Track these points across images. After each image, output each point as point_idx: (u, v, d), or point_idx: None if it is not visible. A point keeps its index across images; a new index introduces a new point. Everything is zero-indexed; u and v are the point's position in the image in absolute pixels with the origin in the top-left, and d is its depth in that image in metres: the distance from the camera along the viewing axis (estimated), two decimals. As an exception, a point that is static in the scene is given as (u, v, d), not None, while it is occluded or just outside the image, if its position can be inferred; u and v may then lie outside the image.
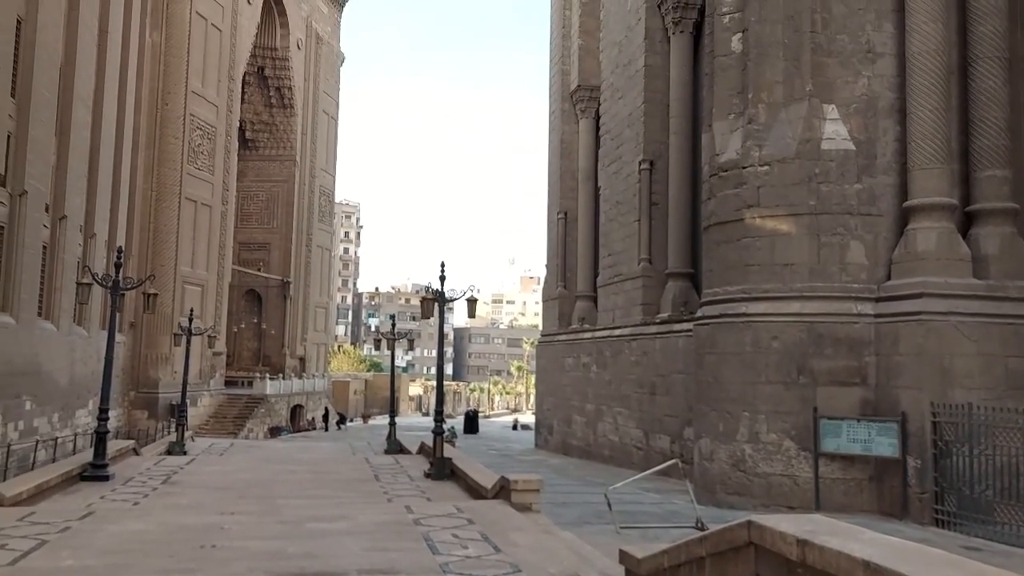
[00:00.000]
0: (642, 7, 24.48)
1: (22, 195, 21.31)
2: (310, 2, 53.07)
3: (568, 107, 32.55)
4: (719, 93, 16.72)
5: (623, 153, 25.49)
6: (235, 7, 41.82)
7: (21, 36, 21.30)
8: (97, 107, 27.07)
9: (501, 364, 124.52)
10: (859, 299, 14.38)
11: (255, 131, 51.70)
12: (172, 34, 36.87)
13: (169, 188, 36.58)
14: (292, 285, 51.56)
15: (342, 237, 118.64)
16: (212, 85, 39.63)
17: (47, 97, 22.73)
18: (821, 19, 14.97)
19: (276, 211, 51.86)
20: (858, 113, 14.76)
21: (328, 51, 56.14)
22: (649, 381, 21.69)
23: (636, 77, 24.76)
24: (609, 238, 26.23)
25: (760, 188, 15.14)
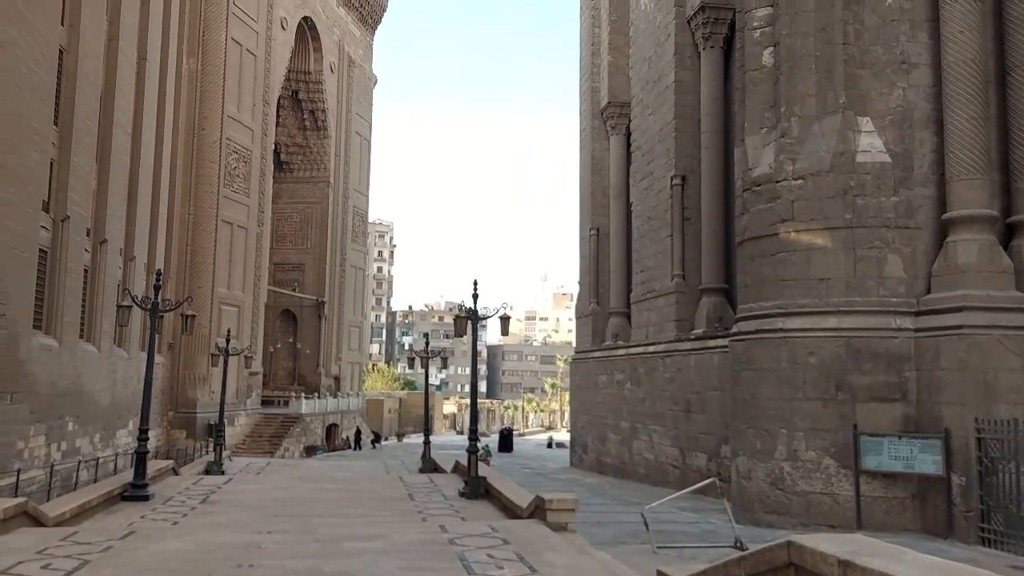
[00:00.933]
0: (671, 23, 24.47)
1: (64, 220, 21.80)
2: (342, 26, 53.84)
3: (598, 124, 32.59)
4: (751, 107, 16.63)
5: (654, 169, 25.42)
6: (269, 33, 42.56)
7: (63, 66, 21.86)
8: (136, 133, 27.66)
9: (535, 381, 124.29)
10: (898, 313, 14.13)
11: (290, 153, 52.44)
12: (208, 61, 37.60)
13: (206, 211, 37.19)
14: (326, 305, 52.02)
15: (375, 256, 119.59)
16: (247, 110, 40.30)
17: (88, 125, 23.28)
18: (854, 31, 14.84)
19: (310, 232, 52.45)
20: (893, 125, 14.57)
21: (360, 73, 56.86)
22: (684, 398, 21.49)
23: (666, 93, 24.73)
24: (642, 254, 26.12)
25: (795, 202, 14.98)
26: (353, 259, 56.01)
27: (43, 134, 20.51)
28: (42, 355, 20.52)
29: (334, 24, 52.48)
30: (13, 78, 18.64)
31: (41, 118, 20.26)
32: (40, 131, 20.20)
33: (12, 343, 18.83)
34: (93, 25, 23.35)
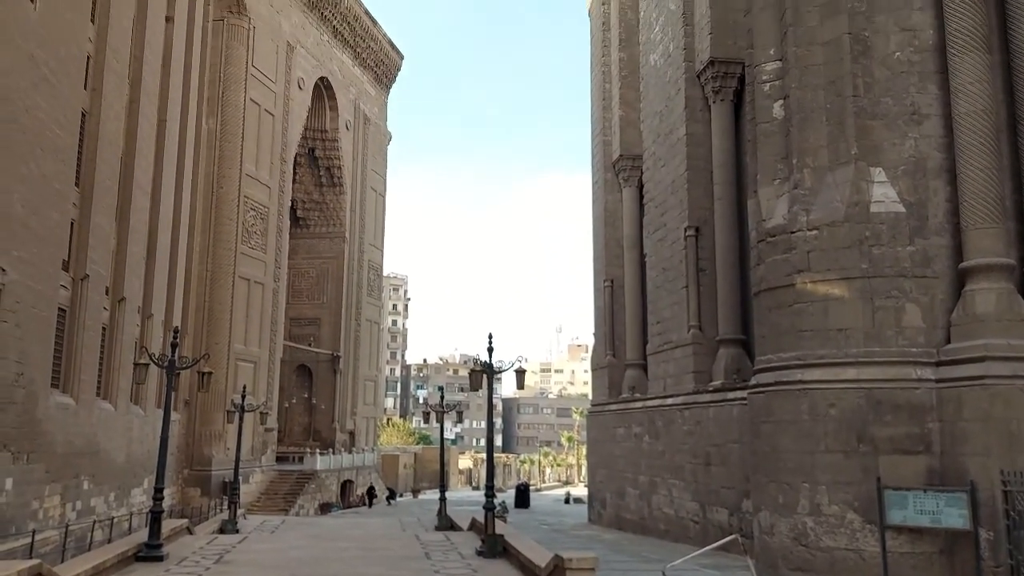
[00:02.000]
0: (681, 78, 24.81)
1: (84, 279, 22.05)
2: (358, 86, 54.89)
3: (611, 176, 32.86)
4: (763, 159, 16.74)
5: (668, 220, 25.52)
6: (287, 93, 43.42)
7: (85, 128, 22.35)
8: (156, 192, 28.10)
9: (551, 435, 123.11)
10: (918, 363, 13.97)
11: (306, 209, 53.03)
12: (227, 120, 38.32)
13: (224, 268, 37.51)
14: (342, 359, 52.01)
15: (390, 310, 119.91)
16: (265, 167, 40.92)
17: (108, 185, 23.69)
18: (863, 83, 14.98)
19: (326, 286, 52.72)
20: (906, 175, 14.61)
21: (375, 131, 57.76)
22: (704, 451, 21.20)
23: (678, 145, 24.95)
24: (657, 305, 26.07)
25: (810, 253, 14.96)
26: (368, 313, 56.17)
27: (65, 195, 20.88)
28: (59, 414, 20.57)
29: (350, 84, 53.51)
30: (38, 141, 19.07)
31: (63, 179, 20.66)
32: (62, 192, 20.58)
33: (30, 402, 18.90)
34: (115, 89, 23.93)
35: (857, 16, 15.16)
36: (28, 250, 18.62)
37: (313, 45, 47.49)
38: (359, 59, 54.45)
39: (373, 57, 56.14)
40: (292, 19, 44.58)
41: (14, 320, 17.99)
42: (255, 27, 39.78)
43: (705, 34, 23.41)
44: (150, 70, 27.18)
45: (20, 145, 18.24)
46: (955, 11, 14.21)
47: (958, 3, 14.17)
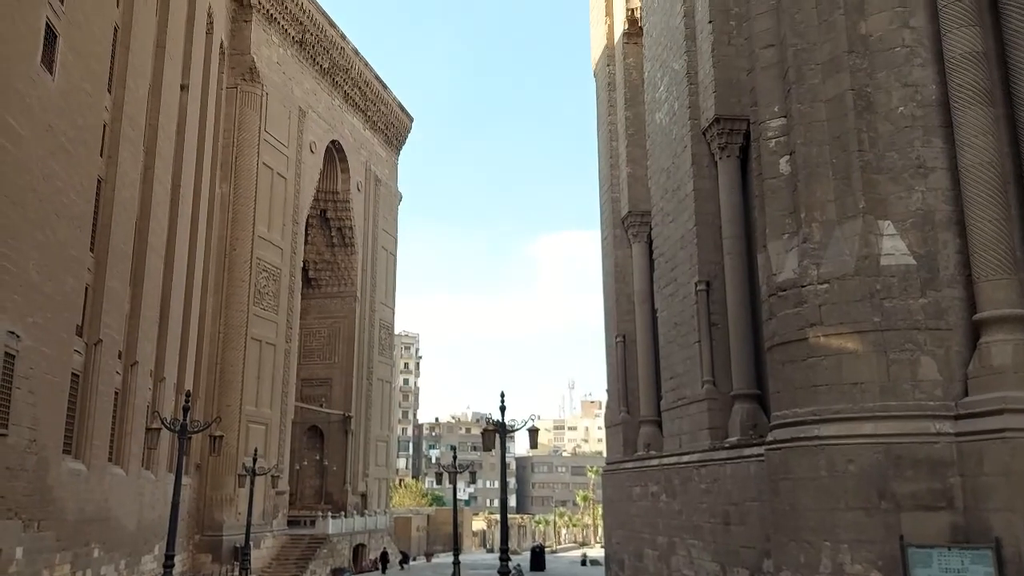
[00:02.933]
0: (687, 135, 25.08)
1: (97, 344, 22.18)
2: (369, 148, 55.77)
3: (620, 233, 33.01)
4: (771, 214, 16.80)
5: (678, 275, 25.53)
6: (299, 156, 44.17)
7: (101, 195, 22.76)
8: (169, 256, 28.44)
9: (566, 494, 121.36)
10: (936, 417, 13.76)
11: (317, 270, 53.44)
12: (240, 184, 38.94)
13: (236, 329, 37.68)
14: (353, 419, 51.78)
15: (401, 368, 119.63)
16: (277, 229, 41.40)
17: (123, 250, 24.01)
18: (868, 138, 15.09)
19: (337, 346, 52.79)
20: (915, 227, 14.61)
21: (386, 191, 58.49)
22: (722, 510, 20.82)
23: (686, 201, 25.09)
24: (670, 360, 25.90)
25: (821, 306, 14.90)
26: (380, 372, 56.08)
27: (80, 260, 21.16)
28: (70, 480, 20.48)
29: (361, 146, 54.39)
30: (54, 208, 19.40)
31: (79, 245, 20.95)
32: (78, 258, 20.85)
33: (41, 468, 18.84)
34: (131, 156, 24.42)
35: (859, 73, 15.36)
36: (43, 316, 18.79)
37: (325, 110, 48.43)
38: (370, 122, 55.43)
39: (383, 120, 57.14)
40: (304, 85, 45.57)
41: (27, 386, 18.06)
42: (268, 94, 40.69)
43: (709, 93, 23.75)
44: (165, 137, 27.76)
45: (37, 212, 18.55)
46: (956, 67, 14.38)
47: (959, 59, 14.34)
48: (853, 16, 15.60)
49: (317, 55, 46.75)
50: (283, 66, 43.07)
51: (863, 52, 15.48)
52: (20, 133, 17.34)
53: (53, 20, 18.83)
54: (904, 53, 15.21)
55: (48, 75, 18.78)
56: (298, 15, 43.74)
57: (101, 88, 22.36)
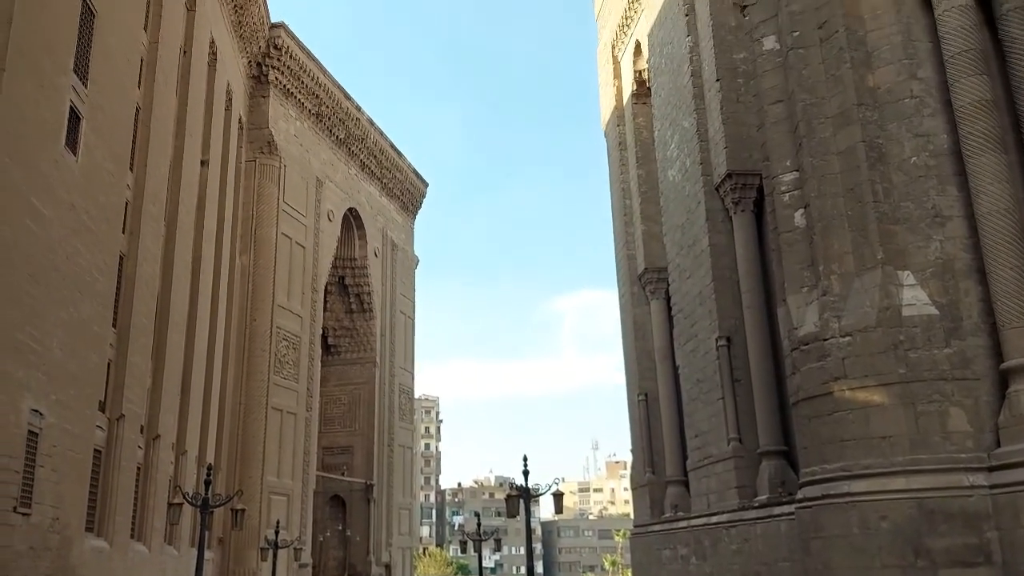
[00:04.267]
0: (700, 191, 25.22)
1: (119, 419, 22.22)
2: (385, 214, 56.45)
3: (637, 290, 32.99)
4: (788, 267, 16.76)
5: (698, 331, 25.39)
6: (317, 225, 44.74)
7: (123, 271, 23.05)
8: (190, 329, 28.64)
9: (593, 558, 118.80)
10: (969, 470, 13.46)
11: (337, 337, 53.58)
12: (260, 255, 39.39)
13: (256, 400, 37.67)
14: (375, 488, 51.24)
15: (423, 433, 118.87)
16: (297, 298, 41.70)
17: (145, 324, 24.21)
18: (882, 189, 15.13)
19: (358, 413, 52.57)
20: (935, 277, 14.51)
21: (403, 256, 58.95)
22: (753, 571, 20.29)
23: (702, 257, 25.11)
24: (694, 418, 25.58)
25: (845, 359, 14.74)
26: (401, 438, 55.68)
27: (103, 336, 21.33)
28: (93, 559, 20.30)
29: (378, 213, 55.06)
30: (77, 286, 19.65)
31: (101, 321, 21.15)
32: (100, 334, 21.03)
33: (64, 547, 18.70)
34: (152, 232, 24.81)
35: (869, 125, 15.48)
36: (66, 393, 18.88)
37: (342, 179, 49.23)
38: (386, 189, 56.22)
39: (399, 186, 57.95)
40: (321, 156, 46.43)
41: (51, 464, 18.04)
42: (286, 166, 41.46)
43: (720, 149, 23.96)
44: (186, 211, 28.24)
45: (60, 290, 18.80)
46: (966, 115, 14.45)
47: (968, 108, 14.43)
48: (860, 70, 15.81)
49: (333, 126, 47.73)
50: (300, 138, 43.97)
51: (872, 104, 15.64)
52: (44, 213, 17.69)
53: (77, 103, 19.37)
54: (913, 104, 15.35)
55: (72, 156, 19.23)
56: (314, 89, 44.82)
57: (123, 167, 22.86)
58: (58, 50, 18.29)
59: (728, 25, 24.34)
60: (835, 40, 16.05)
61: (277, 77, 41.49)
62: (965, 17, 14.81)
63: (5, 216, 15.97)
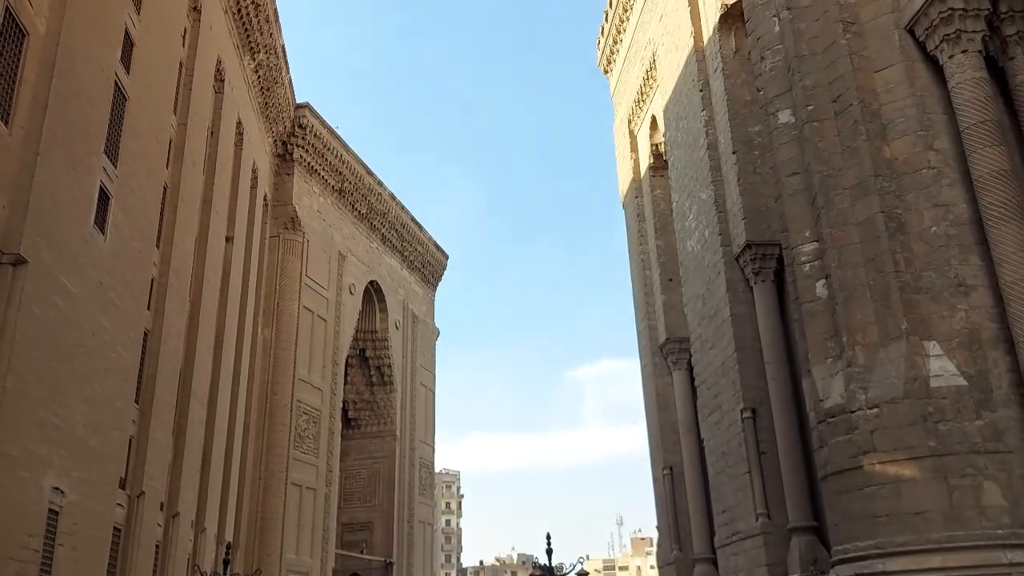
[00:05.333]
0: (720, 262, 25.24)
1: (140, 496, 22.10)
2: (406, 286, 56.89)
3: (659, 360, 32.74)
4: (812, 338, 16.62)
5: (722, 403, 25.06)
6: (339, 299, 45.11)
7: (147, 347, 23.26)
8: (212, 404, 28.69)
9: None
10: (1006, 547, 13.03)
11: (357, 410, 53.41)
12: (282, 328, 39.66)
13: (276, 475, 37.41)
14: (395, 566, 50.28)
15: (443, 508, 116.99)
16: (318, 371, 41.78)
17: (167, 400, 24.30)
18: (903, 258, 15.08)
19: (377, 488, 51.97)
20: (962, 347, 14.33)
21: (424, 328, 59.12)
22: (786, 653, 19.55)
23: (724, 327, 24.96)
24: (720, 492, 25.04)
25: (873, 432, 14.47)
26: (421, 514, 54.86)
27: (126, 413, 21.41)
28: (109, 640, 19.97)
29: (398, 285, 55.50)
30: (102, 363, 19.84)
31: (125, 398, 21.26)
32: (123, 410, 21.12)
33: (81, 629, 18.44)
34: (177, 308, 25.12)
35: (887, 195, 15.53)
36: (88, 470, 18.87)
37: (363, 252, 49.83)
38: (407, 261, 56.78)
39: (420, 259, 58.52)
40: (344, 230, 47.13)
41: (70, 543, 17.92)
42: (309, 240, 42.09)
43: (739, 220, 24.05)
44: (210, 287, 28.62)
45: (85, 367, 18.98)
46: (985, 186, 14.48)
47: (987, 178, 14.47)
48: (876, 142, 15.94)
49: (356, 201, 48.58)
50: (323, 213, 44.76)
51: (889, 175, 15.72)
52: (73, 291, 18.00)
53: (107, 183, 19.90)
54: (931, 174, 15.42)
55: (100, 235, 19.66)
56: (337, 166, 45.80)
57: (150, 245, 23.30)
58: (90, 133, 18.89)
59: (743, 99, 24.73)
60: (850, 113, 16.25)
61: (302, 155, 42.48)
62: (979, 89, 14.98)
63: (36, 295, 16.26)
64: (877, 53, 16.41)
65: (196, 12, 27.50)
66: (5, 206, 15.68)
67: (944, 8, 15.34)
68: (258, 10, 33.11)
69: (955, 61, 15.29)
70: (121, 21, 20.71)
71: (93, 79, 18.85)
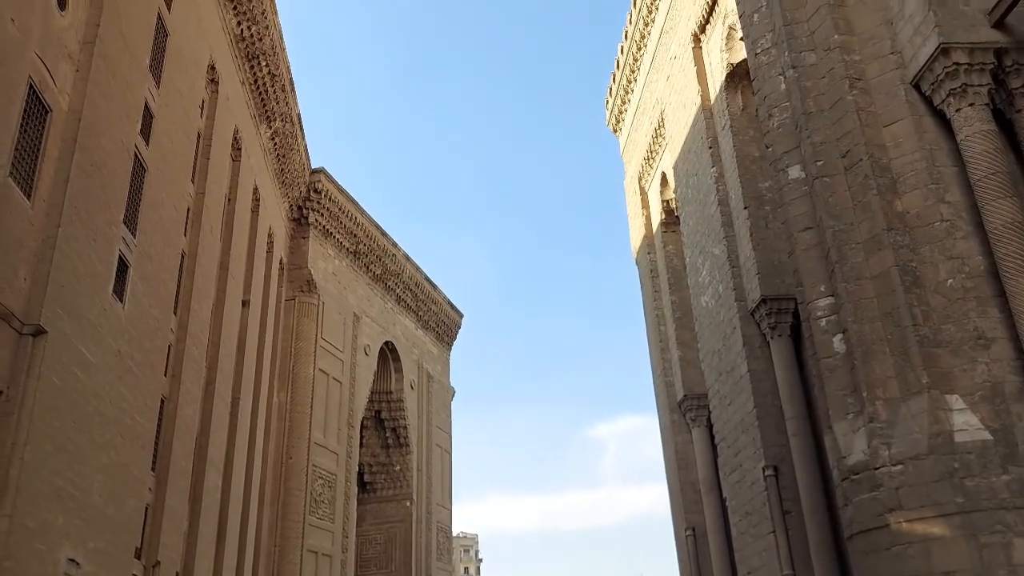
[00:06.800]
0: (735, 317, 25.17)
1: (155, 566, 21.86)
2: (421, 346, 56.88)
3: (677, 418, 32.42)
4: (831, 394, 16.44)
5: (743, 460, 24.72)
6: (354, 360, 45.12)
7: (164, 413, 23.28)
8: (227, 470, 28.54)
9: None
10: (1044, 607, 12.65)
11: (373, 473, 52.92)
12: (297, 392, 39.61)
13: (292, 541, 36.94)
14: (414, 634, 49.22)
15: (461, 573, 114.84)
16: (333, 434, 41.57)
17: (183, 466, 24.21)
18: (921, 312, 14.99)
19: (394, 554, 51.15)
20: (984, 400, 14.14)
21: (439, 388, 58.89)
22: None
23: (741, 383, 24.76)
24: (744, 553, 24.53)
25: (898, 489, 14.21)
26: (439, 580, 53.88)
27: (142, 480, 21.31)
28: None
29: (413, 345, 55.50)
30: (119, 430, 19.85)
31: (141, 465, 21.20)
32: (139, 478, 21.03)
33: None
34: (193, 374, 25.20)
35: (901, 249, 15.51)
36: (104, 540, 18.72)
37: (378, 313, 50.01)
38: (421, 321, 56.89)
39: (434, 319, 58.63)
40: (358, 292, 47.40)
41: (84, 616, 17.70)
42: (324, 303, 42.31)
43: (752, 275, 24.07)
44: (226, 352, 28.72)
45: (103, 435, 18.99)
46: (1000, 238, 14.46)
47: (1001, 230, 14.46)
48: (887, 196, 16.00)
49: (370, 263, 48.94)
50: (338, 276, 45.08)
51: (902, 228, 15.73)
52: (91, 361, 18.12)
53: (125, 253, 20.19)
54: (944, 227, 15.42)
55: (119, 303, 19.87)
56: (352, 228, 46.29)
57: (167, 312, 23.49)
58: (110, 204, 19.24)
59: (751, 156, 24.97)
60: (859, 168, 16.35)
61: (317, 219, 43.01)
62: (988, 142, 15.08)
63: (55, 365, 16.38)
64: (884, 108, 16.58)
65: (214, 84, 28.21)
66: (27, 278, 15.91)
67: (949, 63, 15.54)
68: (274, 80, 33.92)
69: (962, 115, 15.42)
70: (141, 95, 21.27)
71: (114, 152, 19.29)
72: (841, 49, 17.24)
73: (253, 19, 30.57)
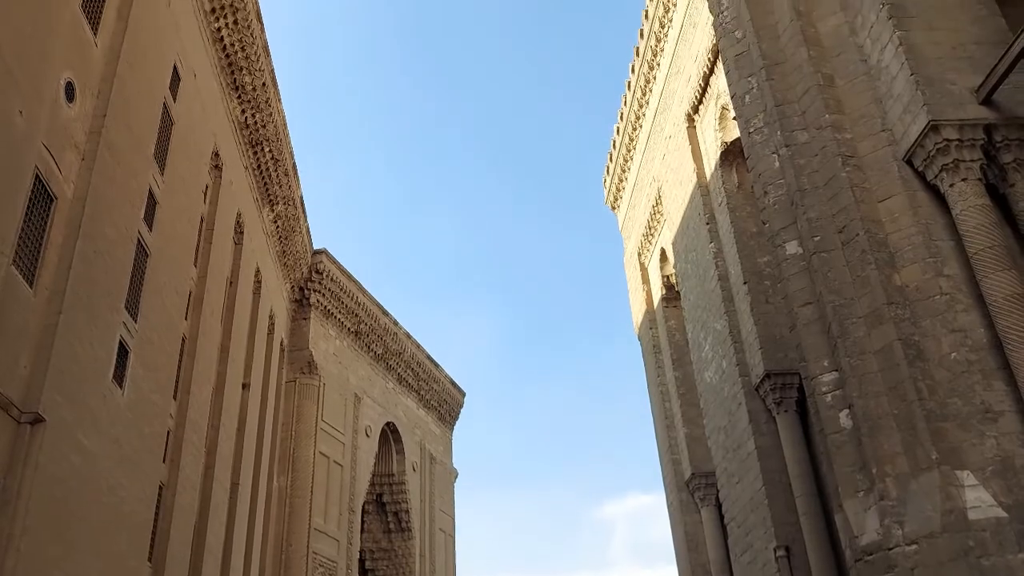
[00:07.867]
0: (740, 393, 24.94)
1: (150, 661, 21.14)
2: (423, 427, 56.28)
3: (686, 496, 31.79)
4: (840, 470, 16.15)
5: (753, 541, 24.13)
6: (355, 442, 44.57)
7: (162, 500, 22.87)
8: (226, 558, 27.88)
9: None
10: None
11: (374, 559, 51.63)
12: (298, 476, 39.00)
13: (292, 632, 35.84)
14: None
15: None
16: (334, 520, 40.74)
17: (181, 555, 23.64)
18: (926, 386, 14.85)
19: (398, 646, 49.54)
20: (996, 475, 13.89)
21: (442, 470, 58.00)
22: None
23: (749, 460, 24.37)
24: (758, 639, 23.71)
25: (914, 570, 13.82)
26: (445, 670, 52.01)
27: (138, 571, 20.78)
28: None
29: (415, 425, 54.92)
30: (116, 518, 19.46)
31: (138, 554, 20.71)
32: (136, 568, 20.52)
33: None
34: (192, 460, 24.85)
35: (903, 323, 15.47)
36: (97, 635, 18.15)
37: (379, 394, 49.64)
38: (423, 401, 56.43)
39: (436, 398, 58.17)
40: (359, 372, 47.16)
41: None
42: (325, 384, 42.06)
43: (755, 350, 23.96)
44: (226, 436, 28.40)
45: (99, 523, 18.62)
46: (1001, 310, 14.44)
47: (1002, 302, 14.45)
48: (886, 270, 16.05)
49: (372, 343, 48.84)
50: (339, 356, 44.93)
51: (903, 302, 15.72)
52: (90, 449, 17.90)
53: (126, 338, 20.18)
54: (944, 300, 15.41)
55: (119, 389, 19.75)
56: (353, 308, 46.37)
57: (167, 396, 23.32)
58: (112, 291, 19.32)
59: (749, 231, 25.17)
60: (856, 243, 16.44)
61: (319, 299, 43.13)
62: (983, 216, 15.20)
63: (53, 454, 16.17)
64: (878, 184, 16.78)
65: (217, 170, 28.69)
66: (27, 366, 15.86)
67: (939, 139, 15.79)
68: (277, 165, 34.51)
69: (956, 189, 15.59)
70: (146, 182, 21.60)
71: (117, 238, 19.48)
72: (832, 127, 17.55)
73: (257, 107, 31.29)
